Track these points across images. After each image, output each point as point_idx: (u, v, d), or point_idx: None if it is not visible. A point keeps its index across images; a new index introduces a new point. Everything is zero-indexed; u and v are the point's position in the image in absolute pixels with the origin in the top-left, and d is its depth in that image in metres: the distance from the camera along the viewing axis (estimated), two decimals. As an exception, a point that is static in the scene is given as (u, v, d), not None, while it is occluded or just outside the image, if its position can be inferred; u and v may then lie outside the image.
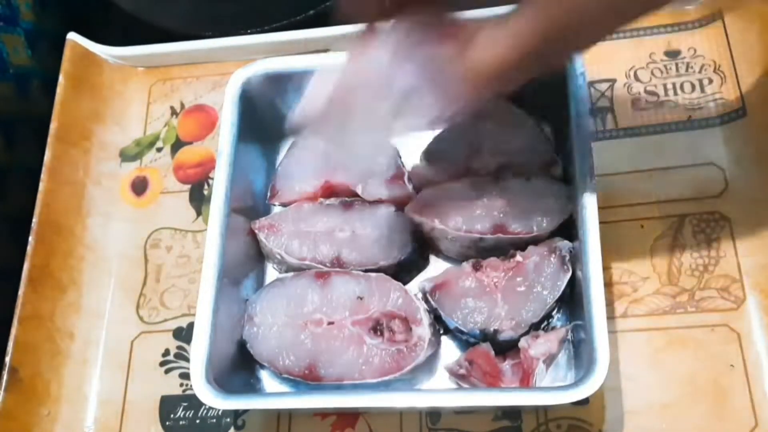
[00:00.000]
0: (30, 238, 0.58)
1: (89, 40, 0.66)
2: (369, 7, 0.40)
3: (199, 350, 0.49)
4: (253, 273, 0.57)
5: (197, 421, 0.55)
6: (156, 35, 0.66)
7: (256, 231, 0.55)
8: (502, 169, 0.54)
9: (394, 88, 0.40)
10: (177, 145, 0.65)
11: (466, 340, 0.52)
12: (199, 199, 0.62)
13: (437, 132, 0.57)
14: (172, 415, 0.55)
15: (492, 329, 0.50)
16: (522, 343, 0.49)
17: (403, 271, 0.55)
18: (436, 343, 0.52)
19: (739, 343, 0.51)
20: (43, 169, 0.61)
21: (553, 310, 0.51)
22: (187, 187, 0.63)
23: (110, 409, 0.56)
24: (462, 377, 0.50)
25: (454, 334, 0.53)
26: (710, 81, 0.59)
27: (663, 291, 0.53)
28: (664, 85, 0.59)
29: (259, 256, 0.57)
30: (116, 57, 0.67)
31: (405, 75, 0.40)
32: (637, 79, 0.60)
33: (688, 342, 0.51)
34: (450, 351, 0.53)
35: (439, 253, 0.56)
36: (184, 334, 0.58)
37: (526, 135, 0.55)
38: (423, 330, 0.50)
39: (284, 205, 0.58)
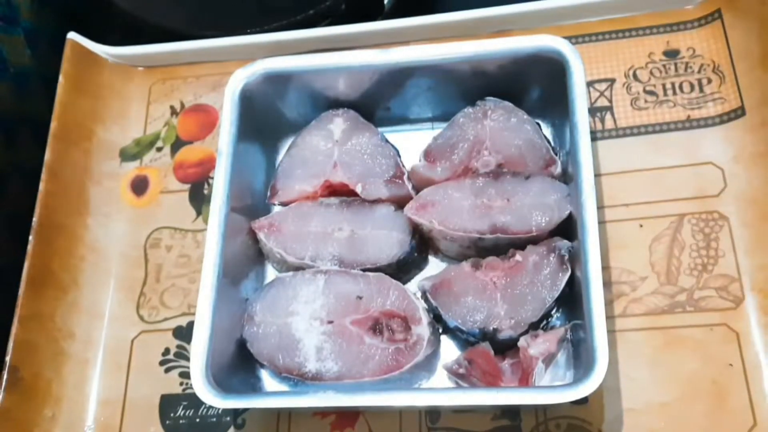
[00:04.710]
0: (30, 238, 0.58)
1: (89, 40, 0.66)
2: None
3: (199, 349, 0.49)
4: (253, 272, 0.57)
5: (197, 420, 0.55)
6: (156, 35, 0.66)
7: (256, 230, 0.55)
8: (501, 168, 0.54)
9: None
10: (177, 145, 0.65)
11: (465, 340, 0.52)
12: (199, 198, 0.62)
13: (437, 132, 0.57)
14: (172, 414, 0.55)
15: (491, 328, 0.50)
16: (521, 342, 0.49)
17: (402, 271, 0.55)
18: (435, 342, 0.52)
19: (737, 342, 0.51)
20: (43, 168, 0.60)
21: (552, 309, 0.51)
22: (187, 186, 0.63)
23: (111, 409, 0.56)
24: (461, 376, 0.50)
25: (454, 333, 0.53)
26: (709, 81, 0.59)
27: (662, 290, 0.53)
28: (663, 85, 0.59)
29: (258, 255, 0.57)
30: (116, 56, 0.67)
31: None
32: (636, 78, 0.60)
33: (687, 341, 0.52)
34: (449, 350, 0.53)
35: (438, 253, 0.56)
36: (184, 334, 0.58)
37: (525, 134, 0.55)
38: (422, 329, 0.50)
39: (284, 204, 0.58)
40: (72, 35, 0.65)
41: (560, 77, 0.52)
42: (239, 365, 0.53)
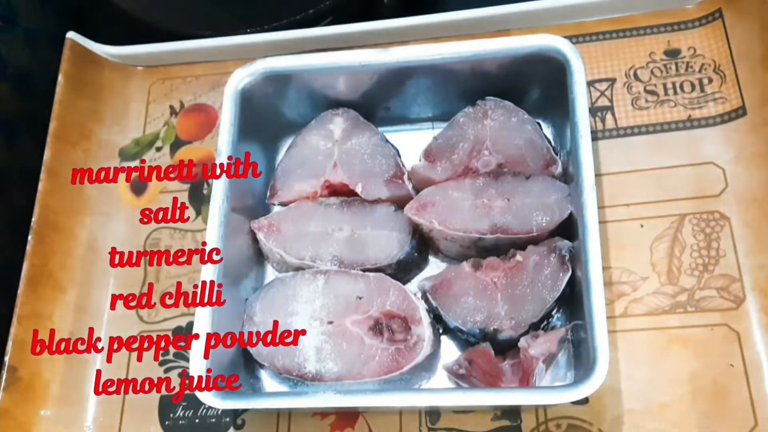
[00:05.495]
0: (29, 238, 0.58)
1: (88, 40, 0.66)
2: None
3: (198, 350, 0.49)
4: (252, 273, 0.57)
5: (197, 421, 0.55)
6: (155, 34, 0.66)
7: (256, 231, 0.55)
8: (501, 168, 0.54)
9: None
10: (176, 145, 0.65)
11: (465, 340, 0.52)
12: (198, 198, 0.62)
13: (437, 132, 0.57)
14: (171, 415, 0.55)
15: (492, 329, 0.50)
16: (522, 342, 0.49)
17: (402, 271, 0.55)
18: (435, 343, 0.52)
19: (738, 342, 0.51)
20: (43, 168, 0.60)
21: (553, 309, 0.51)
22: (187, 186, 0.63)
23: (110, 409, 0.56)
24: (461, 377, 0.50)
25: (454, 333, 0.53)
26: (710, 80, 0.59)
27: (663, 290, 0.53)
28: (664, 85, 0.59)
29: (258, 255, 0.57)
30: (115, 56, 0.67)
31: None
32: (636, 78, 0.60)
33: (688, 341, 0.51)
34: (450, 350, 0.53)
35: (438, 253, 0.56)
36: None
37: (525, 134, 0.54)
38: (422, 329, 0.50)
39: (284, 204, 0.58)
40: (71, 35, 0.65)
41: (561, 77, 0.52)
42: (239, 365, 0.53)
